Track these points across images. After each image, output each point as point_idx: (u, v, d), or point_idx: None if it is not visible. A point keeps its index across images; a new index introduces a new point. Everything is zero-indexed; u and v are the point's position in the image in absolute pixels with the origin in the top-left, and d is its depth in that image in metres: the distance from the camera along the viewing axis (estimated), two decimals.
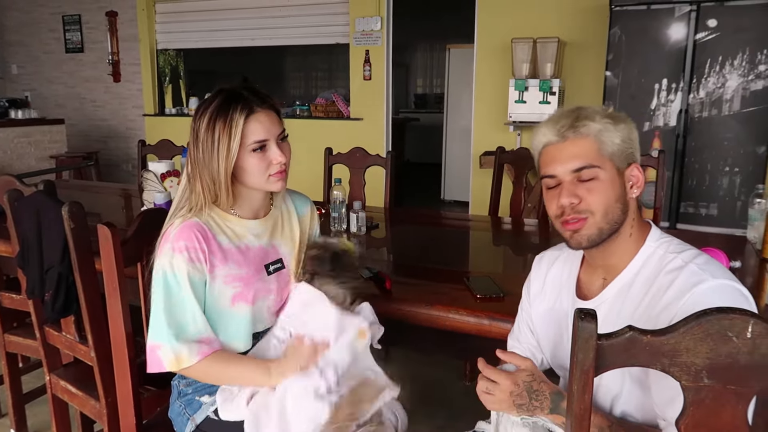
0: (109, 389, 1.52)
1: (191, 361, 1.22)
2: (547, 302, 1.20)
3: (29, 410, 2.32)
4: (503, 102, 4.73)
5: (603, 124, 1.01)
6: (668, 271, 0.99)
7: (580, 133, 1.01)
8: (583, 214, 1.01)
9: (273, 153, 1.27)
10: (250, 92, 1.27)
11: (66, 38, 7.11)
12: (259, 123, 1.25)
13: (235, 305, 1.29)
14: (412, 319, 1.51)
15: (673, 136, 3.78)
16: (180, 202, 1.30)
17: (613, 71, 3.90)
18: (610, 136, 1.01)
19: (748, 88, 3.56)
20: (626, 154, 1.03)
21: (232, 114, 1.22)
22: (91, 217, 1.52)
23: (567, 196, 1.01)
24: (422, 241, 2.39)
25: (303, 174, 3.22)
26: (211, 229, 1.28)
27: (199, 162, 1.26)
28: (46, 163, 6.03)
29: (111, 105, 7.07)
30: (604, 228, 1.01)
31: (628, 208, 1.03)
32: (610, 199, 1.01)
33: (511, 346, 1.26)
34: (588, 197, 1.00)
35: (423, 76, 10.13)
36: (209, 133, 1.23)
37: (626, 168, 1.03)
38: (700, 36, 3.61)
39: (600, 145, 1.01)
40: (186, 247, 1.23)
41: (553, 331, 1.18)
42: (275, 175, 1.29)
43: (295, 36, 6.04)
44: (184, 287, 1.23)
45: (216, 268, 1.27)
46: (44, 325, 1.77)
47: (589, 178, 1.00)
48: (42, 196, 1.67)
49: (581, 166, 1.00)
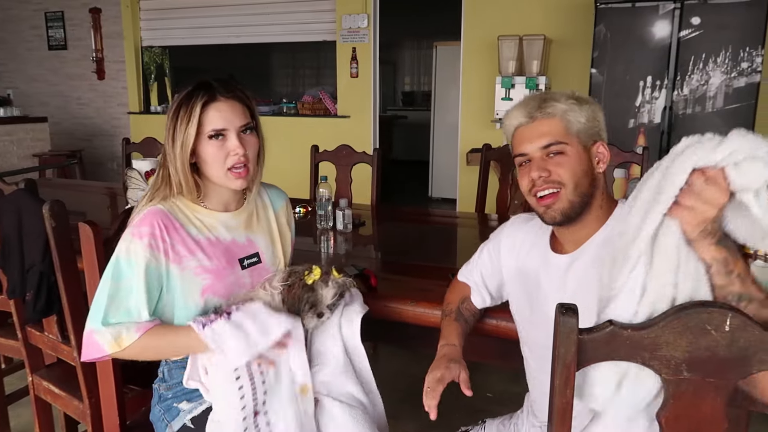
0: (92, 389, 1.51)
1: (132, 338, 1.18)
2: (517, 260, 1.26)
3: (12, 411, 2.29)
4: (490, 99, 4.74)
5: (568, 105, 1.10)
6: None
7: (547, 113, 1.10)
8: (555, 186, 1.09)
9: (231, 143, 1.25)
10: (220, 83, 1.26)
11: (49, 35, 7.01)
12: (217, 111, 1.24)
13: (204, 297, 1.27)
14: (398, 316, 1.51)
15: (658, 133, 3.81)
16: (150, 192, 1.30)
17: (598, 68, 3.92)
18: (575, 115, 1.10)
19: (731, 85, 3.60)
20: (592, 132, 1.12)
21: (193, 102, 1.23)
22: (75, 216, 1.50)
23: (537, 170, 1.10)
24: (409, 238, 2.39)
25: (289, 171, 3.22)
26: (178, 218, 1.27)
27: (167, 151, 1.26)
28: (29, 162, 5.95)
29: (95, 103, 7.00)
30: (575, 201, 1.09)
31: (596, 182, 1.12)
32: (578, 172, 1.09)
33: (462, 274, 1.40)
34: (557, 170, 1.09)
35: (410, 74, 10.14)
36: (173, 120, 1.24)
37: (592, 145, 1.12)
38: (683, 33, 3.65)
39: (566, 123, 1.10)
40: (148, 233, 1.21)
41: (521, 288, 1.25)
42: (234, 172, 1.27)
43: (281, 33, 6.01)
44: (136, 273, 1.20)
45: (184, 259, 1.25)
46: (26, 325, 1.75)
47: (557, 152, 1.09)
48: (23, 194, 1.64)
49: (549, 142, 1.09)
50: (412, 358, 2.83)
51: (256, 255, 1.37)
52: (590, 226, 1.13)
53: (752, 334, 0.72)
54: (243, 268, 1.34)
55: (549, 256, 1.20)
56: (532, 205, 1.15)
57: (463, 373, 1.17)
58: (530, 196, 1.13)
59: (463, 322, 1.34)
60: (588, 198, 1.10)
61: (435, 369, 1.19)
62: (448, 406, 1.16)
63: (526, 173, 1.12)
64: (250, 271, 1.35)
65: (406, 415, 2.33)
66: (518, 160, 1.14)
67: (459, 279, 1.43)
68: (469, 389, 1.14)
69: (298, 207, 2.61)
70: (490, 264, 1.35)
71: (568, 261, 1.15)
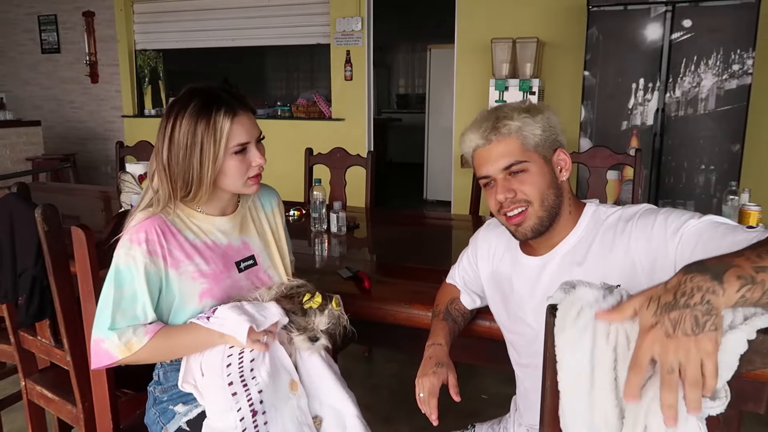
0: (86, 393, 1.50)
1: (142, 342, 1.20)
2: (491, 265, 1.27)
3: (5, 416, 2.28)
4: (484, 102, 4.75)
5: (521, 121, 1.09)
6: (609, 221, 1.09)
7: (502, 133, 1.09)
8: (521, 205, 1.10)
9: (252, 155, 1.28)
10: (227, 94, 1.26)
11: (42, 38, 6.99)
12: (241, 126, 1.25)
13: (202, 301, 1.28)
14: (392, 319, 1.51)
15: (651, 135, 3.83)
16: (144, 199, 1.29)
17: (591, 71, 3.94)
18: (530, 129, 1.09)
19: (722, 87, 3.62)
20: (550, 141, 1.11)
21: (215, 117, 1.22)
22: (69, 219, 1.50)
23: (502, 192, 1.10)
24: (403, 240, 2.39)
25: (284, 175, 3.21)
26: (175, 224, 1.27)
27: (171, 162, 1.24)
28: (22, 166, 5.93)
29: (89, 106, 6.98)
30: (543, 216, 1.10)
31: (561, 191, 1.12)
32: (542, 187, 1.09)
33: (450, 277, 1.43)
34: (521, 188, 1.09)
35: (405, 77, 10.15)
36: (189, 135, 1.22)
37: (553, 154, 1.12)
38: (675, 36, 3.67)
39: (522, 140, 1.09)
40: (145, 240, 1.22)
41: (497, 292, 1.26)
42: (253, 179, 1.30)
43: (275, 36, 6.01)
44: (137, 279, 1.21)
45: (181, 264, 1.26)
46: (19, 329, 1.74)
47: (519, 171, 1.09)
48: (14, 198, 1.64)
49: (509, 163, 1.09)
50: (406, 361, 2.84)
51: (251, 257, 1.37)
52: (561, 231, 1.14)
53: None
54: (240, 271, 1.34)
55: (521, 258, 1.20)
56: (503, 223, 1.16)
57: (451, 377, 1.18)
58: (500, 215, 1.14)
59: (451, 322, 1.35)
60: (556, 209, 1.11)
61: (423, 376, 1.19)
62: (442, 408, 1.17)
63: (492, 194, 1.12)
64: (246, 273, 1.35)
65: (401, 417, 2.34)
66: (482, 182, 1.15)
67: (447, 282, 1.44)
68: (458, 395, 1.15)
69: (292, 210, 2.61)
70: (470, 269, 1.36)
71: (540, 264, 1.16)
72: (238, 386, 1.21)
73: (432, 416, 1.15)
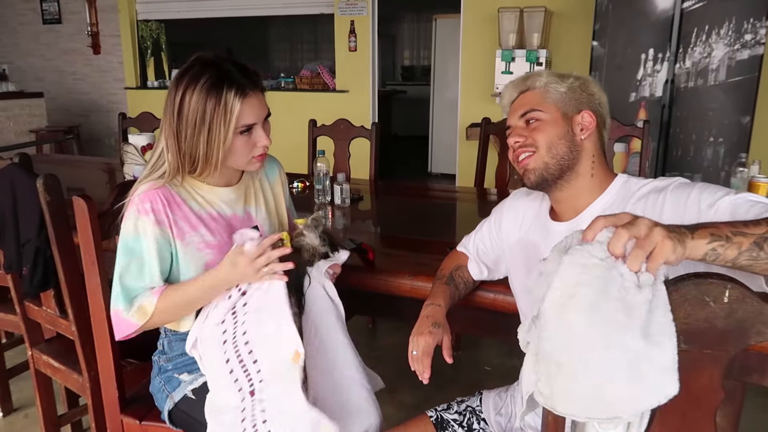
0: (91, 363, 1.52)
1: (153, 304, 1.21)
2: (519, 232, 1.29)
3: (13, 386, 2.31)
4: (490, 73, 4.69)
5: (549, 78, 1.18)
6: (641, 192, 1.09)
7: (528, 87, 1.20)
8: (529, 149, 1.15)
9: (258, 136, 1.26)
10: (239, 70, 1.23)
11: (43, 9, 6.91)
12: (250, 107, 1.23)
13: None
14: (396, 291, 1.51)
15: (659, 107, 3.77)
16: (151, 169, 1.28)
17: (599, 41, 3.86)
18: (555, 86, 1.17)
19: (734, 58, 3.55)
20: (574, 101, 1.16)
21: (226, 96, 1.19)
22: (73, 191, 1.49)
23: (513, 136, 1.18)
24: (407, 212, 2.38)
25: (287, 146, 3.19)
26: (180, 194, 1.27)
27: (180, 137, 1.22)
28: (25, 138, 5.91)
29: (91, 78, 6.92)
30: (549, 162, 1.13)
31: (578, 149, 1.15)
32: (551, 135, 1.14)
33: (461, 245, 1.44)
34: (531, 134, 1.15)
35: (410, 48, 10.01)
36: (198, 111, 1.19)
37: (576, 114, 1.15)
38: (686, 5, 3.58)
39: (545, 94, 1.17)
40: (152, 209, 1.22)
41: (522, 260, 1.27)
42: (257, 158, 1.29)
43: (278, 5, 5.92)
44: (146, 248, 1.22)
45: (186, 234, 1.25)
46: (24, 300, 1.75)
47: (533, 119, 1.16)
48: (16, 168, 1.63)
49: (525, 111, 1.17)
50: (409, 332, 2.85)
51: (255, 228, 1.37)
52: (585, 195, 1.15)
53: (751, 305, 0.71)
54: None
55: (549, 224, 1.21)
56: (518, 170, 1.20)
57: (446, 339, 1.18)
58: (515, 162, 1.19)
59: (453, 287, 1.35)
60: (566, 162, 1.13)
61: (418, 334, 1.20)
62: (446, 379, 1.17)
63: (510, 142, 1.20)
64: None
65: (405, 388, 2.35)
66: (507, 132, 1.21)
67: (458, 249, 1.44)
68: (450, 356, 1.17)
69: (296, 182, 2.60)
70: (489, 239, 1.36)
71: (567, 229, 1.15)
72: (234, 363, 1.19)
73: (424, 375, 1.16)
